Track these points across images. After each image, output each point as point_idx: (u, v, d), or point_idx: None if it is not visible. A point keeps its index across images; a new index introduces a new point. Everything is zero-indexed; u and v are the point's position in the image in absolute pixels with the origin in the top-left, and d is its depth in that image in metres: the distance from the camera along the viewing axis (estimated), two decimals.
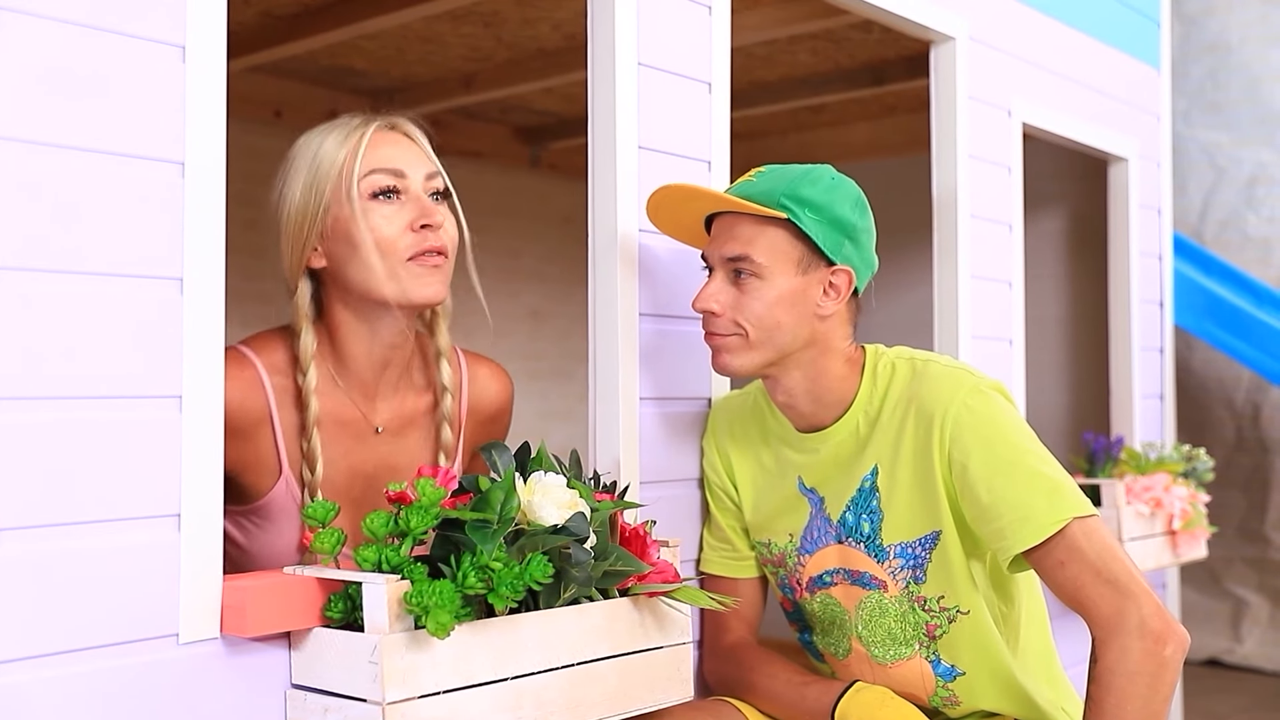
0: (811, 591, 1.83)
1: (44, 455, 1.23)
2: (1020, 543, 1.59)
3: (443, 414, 1.72)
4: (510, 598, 1.32)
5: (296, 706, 1.38)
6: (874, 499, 1.73)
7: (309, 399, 1.60)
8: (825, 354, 1.73)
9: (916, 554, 1.71)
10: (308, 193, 1.60)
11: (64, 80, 1.26)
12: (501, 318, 4.72)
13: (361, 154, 1.59)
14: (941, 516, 1.68)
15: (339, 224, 1.59)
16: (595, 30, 1.88)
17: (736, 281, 1.69)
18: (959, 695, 1.77)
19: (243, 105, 3.80)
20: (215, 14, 1.37)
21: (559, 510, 1.40)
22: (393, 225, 1.59)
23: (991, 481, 1.61)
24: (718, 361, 1.74)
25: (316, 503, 1.39)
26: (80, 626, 1.25)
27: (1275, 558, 4.74)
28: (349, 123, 1.64)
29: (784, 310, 1.68)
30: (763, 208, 1.66)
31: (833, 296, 1.70)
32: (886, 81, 3.69)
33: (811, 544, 1.80)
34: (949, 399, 1.65)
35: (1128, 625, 1.53)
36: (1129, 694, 1.52)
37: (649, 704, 1.53)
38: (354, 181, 1.58)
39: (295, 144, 1.65)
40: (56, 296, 1.25)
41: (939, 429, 1.65)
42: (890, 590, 1.74)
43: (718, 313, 1.69)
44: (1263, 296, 4.21)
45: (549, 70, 3.62)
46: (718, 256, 1.71)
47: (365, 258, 1.58)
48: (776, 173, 1.71)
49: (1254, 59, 4.77)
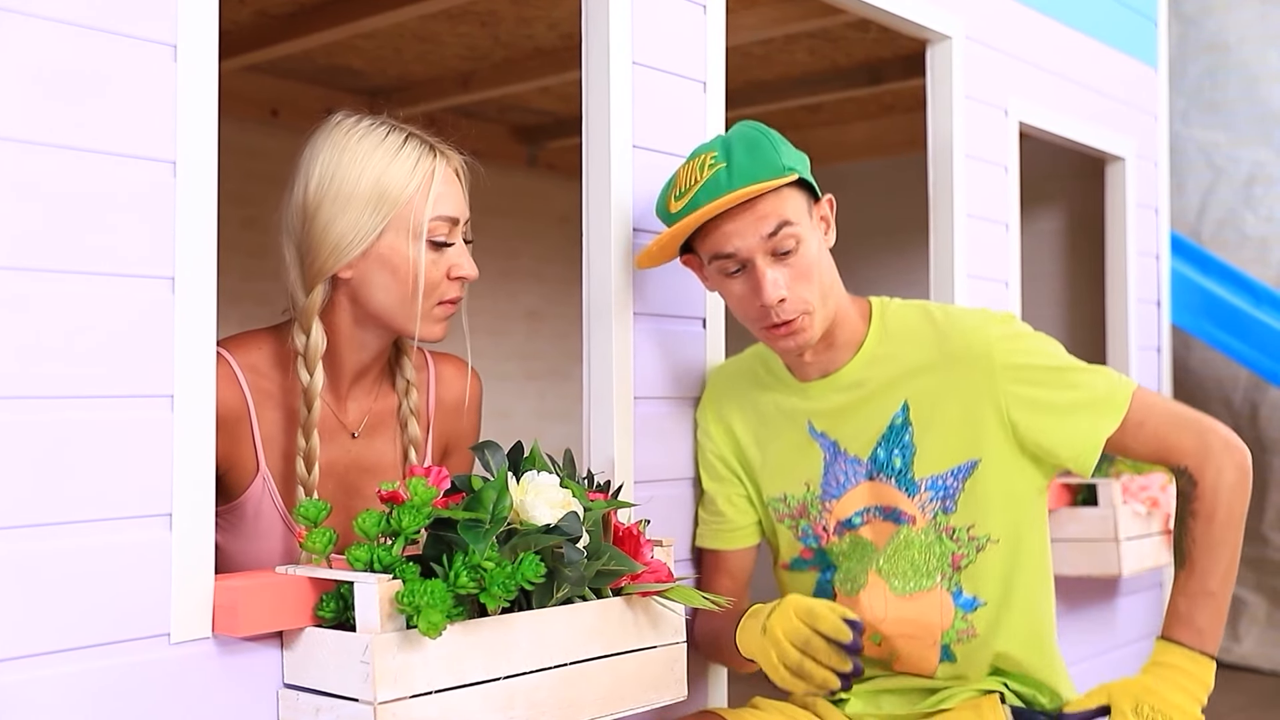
0: (840, 535, 1.85)
1: (35, 454, 1.23)
2: (1108, 426, 1.73)
3: (408, 409, 1.72)
4: (502, 597, 1.32)
5: (288, 706, 1.38)
6: (906, 433, 1.79)
7: (313, 399, 1.59)
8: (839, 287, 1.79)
9: (948, 485, 1.78)
10: (369, 211, 1.56)
11: (55, 79, 1.25)
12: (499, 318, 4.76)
13: (433, 194, 1.59)
14: (983, 445, 1.76)
15: (393, 252, 1.58)
16: (590, 29, 1.88)
17: (781, 260, 1.70)
18: (977, 628, 1.80)
19: (239, 105, 3.82)
20: (207, 13, 1.37)
21: (551, 510, 1.39)
22: (438, 270, 1.61)
23: (1059, 395, 1.75)
24: (792, 343, 1.74)
25: (309, 502, 1.39)
26: (71, 626, 1.25)
27: (1273, 557, 4.73)
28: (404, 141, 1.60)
29: (822, 262, 1.74)
30: (780, 179, 1.67)
31: (828, 227, 1.78)
32: (883, 81, 3.69)
33: (837, 488, 1.83)
34: (986, 335, 1.76)
35: (1215, 449, 1.71)
36: (1234, 504, 1.69)
37: (642, 704, 1.53)
38: (424, 222, 1.58)
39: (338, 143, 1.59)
40: (48, 296, 1.24)
41: (986, 363, 1.75)
42: (918, 523, 1.79)
43: (787, 299, 1.70)
44: (1260, 296, 4.21)
45: (546, 69, 3.62)
46: (755, 242, 1.68)
47: (405, 292, 1.59)
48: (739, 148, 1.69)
49: (1252, 58, 4.76)
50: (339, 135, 1.60)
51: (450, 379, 1.80)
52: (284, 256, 1.62)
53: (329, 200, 1.57)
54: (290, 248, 1.61)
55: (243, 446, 1.61)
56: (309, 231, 1.58)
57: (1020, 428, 1.76)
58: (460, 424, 1.82)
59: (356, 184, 1.57)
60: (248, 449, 1.61)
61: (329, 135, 1.60)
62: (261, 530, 1.63)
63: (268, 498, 1.63)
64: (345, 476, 1.68)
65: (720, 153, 1.69)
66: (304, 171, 1.59)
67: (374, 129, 1.60)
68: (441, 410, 1.79)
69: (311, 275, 1.59)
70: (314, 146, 1.60)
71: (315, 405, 1.59)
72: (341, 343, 1.65)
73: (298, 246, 1.60)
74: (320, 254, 1.58)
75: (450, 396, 1.80)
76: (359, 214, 1.56)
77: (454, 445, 1.82)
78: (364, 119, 1.62)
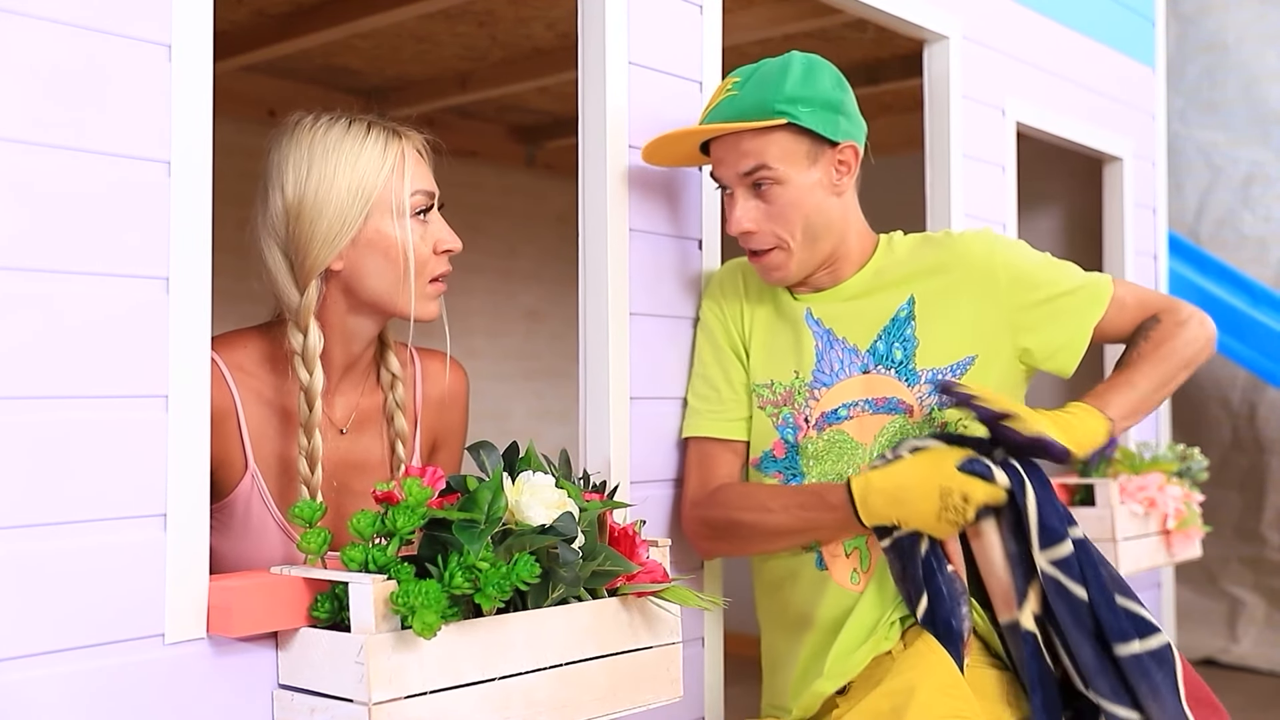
0: (820, 429, 1.85)
1: (29, 454, 1.23)
2: (1097, 311, 1.84)
3: (394, 403, 1.73)
4: (497, 598, 1.32)
5: (283, 707, 1.37)
6: (909, 327, 1.84)
7: (314, 398, 1.59)
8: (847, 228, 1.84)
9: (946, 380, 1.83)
10: (349, 201, 1.59)
11: (49, 79, 1.25)
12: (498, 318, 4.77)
13: (408, 172, 1.62)
14: (981, 342, 1.83)
15: (380, 235, 1.60)
16: (586, 29, 1.88)
17: (760, 194, 1.77)
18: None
19: (236, 105, 3.82)
20: (201, 13, 1.37)
21: (547, 510, 1.39)
22: (425, 245, 1.64)
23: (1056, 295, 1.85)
24: (768, 278, 1.84)
25: (304, 502, 1.39)
26: (65, 626, 1.24)
27: (1271, 557, 4.74)
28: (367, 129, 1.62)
29: (811, 204, 1.77)
30: (763, 121, 1.73)
31: (845, 171, 1.81)
32: (881, 81, 3.69)
33: (829, 376, 1.85)
34: (989, 245, 1.86)
35: (1187, 308, 1.87)
36: (1189, 346, 1.82)
37: (638, 704, 1.53)
38: (405, 198, 1.61)
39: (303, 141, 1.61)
40: (42, 296, 1.24)
41: (988, 267, 1.83)
42: (915, 415, 1.82)
43: (752, 230, 1.78)
44: (1258, 296, 4.21)
45: (544, 69, 3.62)
46: (733, 175, 1.78)
47: (398, 272, 1.61)
48: (756, 79, 1.77)
49: (1251, 58, 4.76)
50: (303, 135, 1.62)
51: (436, 374, 1.81)
52: (267, 262, 1.62)
53: (310, 198, 1.59)
54: (275, 252, 1.61)
55: (230, 444, 1.61)
56: (296, 232, 1.59)
57: (1021, 327, 1.83)
58: (447, 419, 1.82)
59: (334, 178, 1.59)
60: (235, 447, 1.61)
61: (293, 137, 1.62)
62: (252, 529, 1.63)
63: (257, 496, 1.63)
64: (334, 473, 1.68)
65: (742, 79, 1.78)
66: (277, 176, 1.61)
67: (335, 123, 1.63)
68: (428, 405, 1.79)
69: (304, 273, 1.60)
70: (280, 150, 1.62)
71: (316, 405, 1.60)
72: (332, 338, 1.65)
73: (284, 249, 1.61)
74: (311, 250, 1.59)
75: (436, 392, 1.80)
76: (341, 206, 1.59)
77: (442, 441, 1.82)
78: (321, 116, 1.64)
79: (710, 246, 2.03)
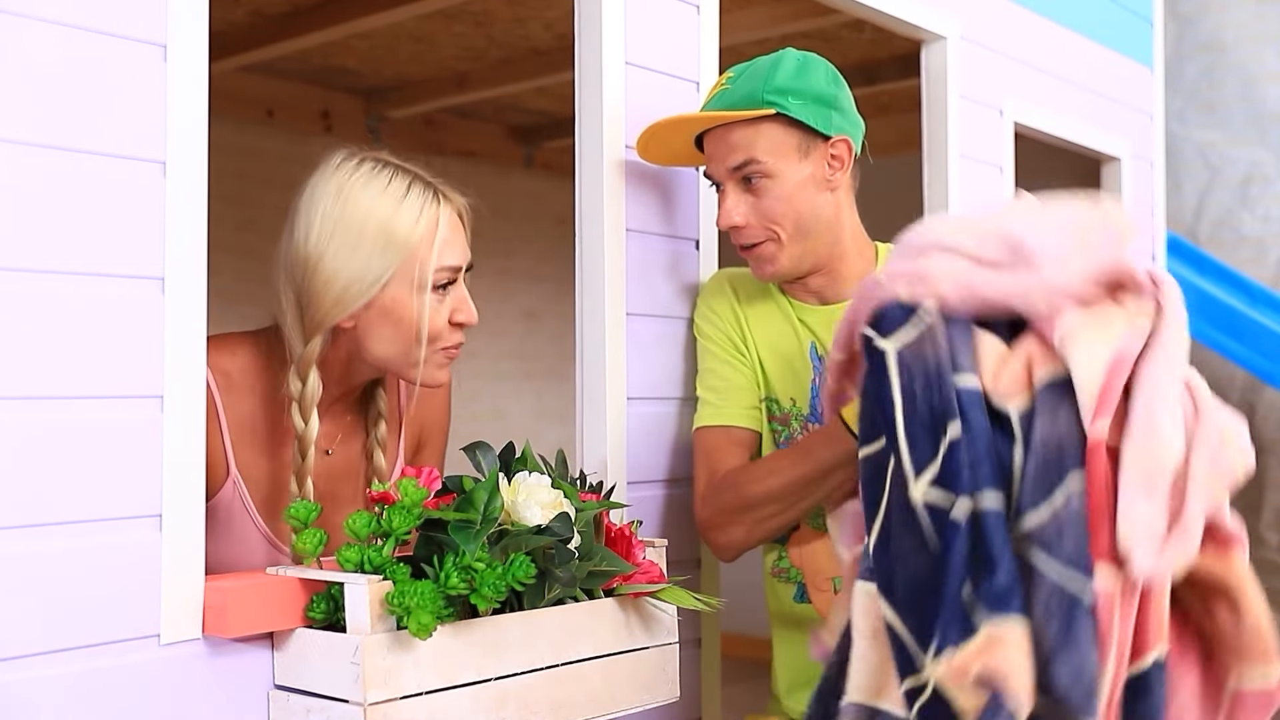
0: None
1: (24, 454, 1.23)
2: None
3: (375, 440, 1.69)
4: (493, 598, 1.32)
5: (279, 707, 1.37)
6: None
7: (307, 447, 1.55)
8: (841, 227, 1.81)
9: None
10: (373, 263, 1.52)
11: (45, 79, 1.25)
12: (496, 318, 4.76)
13: (438, 244, 1.55)
14: None
15: (396, 304, 1.54)
16: (582, 29, 1.88)
17: (749, 188, 1.76)
18: None
19: (234, 105, 3.81)
20: (197, 13, 1.37)
21: (543, 510, 1.39)
22: (440, 317, 1.57)
23: None
24: (761, 272, 1.82)
25: (299, 503, 1.39)
26: (60, 627, 1.24)
27: (1270, 558, 4.73)
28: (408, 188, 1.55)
29: (802, 199, 1.76)
30: (751, 111, 1.73)
31: (838, 166, 1.79)
32: (878, 81, 3.70)
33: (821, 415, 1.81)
34: None
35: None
36: None
37: (635, 705, 1.53)
38: (429, 274, 1.54)
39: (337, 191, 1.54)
40: (37, 296, 1.24)
41: None
42: None
43: (741, 224, 1.77)
44: (1257, 296, 4.21)
45: (541, 70, 3.62)
46: (723, 170, 1.77)
47: (406, 343, 1.56)
48: (748, 73, 1.77)
49: (1249, 58, 4.76)
50: (340, 181, 1.55)
51: None
52: (279, 297, 1.57)
53: (331, 251, 1.52)
54: (289, 293, 1.56)
55: (211, 449, 1.55)
56: (310, 282, 1.54)
57: None
58: (430, 412, 1.79)
59: (360, 234, 1.52)
60: (216, 452, 1.57)
61: (331, 179, 1.55)
62: (234, 534, 1.61)
63: (238, 502, 1.60)
64: (322, 489, 1.63)
65: (736, 74, 1.78)
66: (305, 216, 1.54)
67: (377, 173, 1.56)
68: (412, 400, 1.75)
69: (311, 325, 1.55)
70: (314, 190, 1.55)
71: (309, 453, 1.56)
72: (330, 378, 1.61)
73: (297, 294, 1.55)
74: (322, 305, 1.54)
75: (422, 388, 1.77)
76: (363, 266, 1.52)
77: (427, 436, 1.80)
78: (365, 160, 1.57)
79: (707, 247, 2.03)
